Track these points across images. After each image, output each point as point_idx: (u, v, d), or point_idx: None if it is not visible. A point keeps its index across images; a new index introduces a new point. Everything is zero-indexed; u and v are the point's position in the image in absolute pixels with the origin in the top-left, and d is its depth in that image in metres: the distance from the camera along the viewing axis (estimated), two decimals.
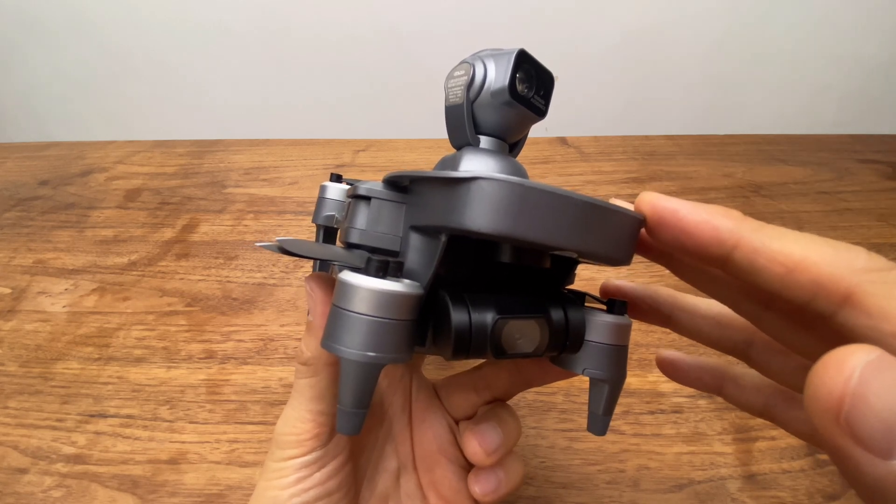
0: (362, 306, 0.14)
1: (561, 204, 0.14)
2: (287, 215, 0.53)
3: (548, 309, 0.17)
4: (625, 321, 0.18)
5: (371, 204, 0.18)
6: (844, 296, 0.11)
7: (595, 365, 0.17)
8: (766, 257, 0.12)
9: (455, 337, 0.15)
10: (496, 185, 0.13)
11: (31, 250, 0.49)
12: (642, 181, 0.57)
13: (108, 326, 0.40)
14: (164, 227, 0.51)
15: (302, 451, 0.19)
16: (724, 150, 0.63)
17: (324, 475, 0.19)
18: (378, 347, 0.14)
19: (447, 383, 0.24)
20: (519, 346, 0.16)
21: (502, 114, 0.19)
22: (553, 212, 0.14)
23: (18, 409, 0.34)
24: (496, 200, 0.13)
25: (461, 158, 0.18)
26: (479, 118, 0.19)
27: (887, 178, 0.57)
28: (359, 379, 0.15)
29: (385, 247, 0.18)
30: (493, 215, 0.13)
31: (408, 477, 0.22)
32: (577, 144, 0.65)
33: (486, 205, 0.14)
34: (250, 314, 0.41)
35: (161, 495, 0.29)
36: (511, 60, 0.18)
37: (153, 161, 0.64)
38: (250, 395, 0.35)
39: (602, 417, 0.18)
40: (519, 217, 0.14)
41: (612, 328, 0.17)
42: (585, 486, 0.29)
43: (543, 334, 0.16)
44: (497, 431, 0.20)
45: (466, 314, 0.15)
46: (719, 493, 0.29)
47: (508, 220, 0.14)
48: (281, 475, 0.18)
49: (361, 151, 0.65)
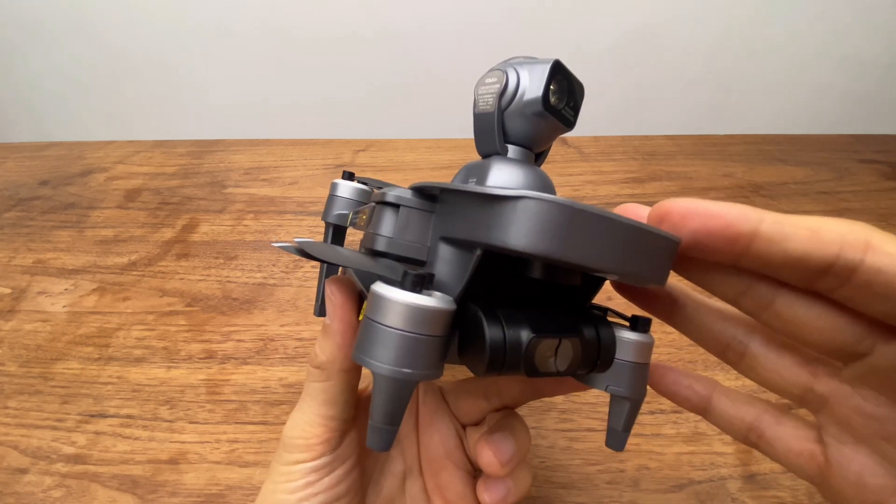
0: (398, 321, 0.14)
1: (608, 228, 0.14)
2: (287, 215, 0.53)
3: (581, 329, 0.16)
4: (648, 339, 0.18)
5: (399, 212, 0.17)
6: (865, 244, 0.13)
7: (618, 382, 0.17)
8: (791, 225, 0.14)
9: (490, 354, 0.15)
10: (545, 206, 0.13)
11: (31, 250, 0.49)
12: (642, 181, 0.57)
13: (108, 326, 0.40)
14: (164, 227, 0.51)
15: (311, 456, 0.19)
16: (724, 150, 0.63)
17: (332, 480, 0.19)
18: (412, 364, 0.14)
19: (456, 388, 0.24)
20: (551, 365, 0.16)
21: (533, 124, 0.19)
22: (600, 235, 0.14)
23: (18, 409, 0.34)
24: (543, 221, 0.13)
25: (490, 168, 0.18)
26: (508, 127, 0.19)
27: (887, 178, 0.57)
28: (392, 395, 0.14)
29: (412, 256, 0.17)
30: (538, 236, 0.13)
31: (413, 480, 0.22)
32: (577, 144, 0.65)
33: (533, 225, 0.13)
34: (250, 314, 0.41)
35: (161, 495, 0.29)
36: (546, 71, 0.18)
37: (153, 161, 0.64)
38: (250, 395, 0.35)
39: (622, 434, 0.18)
40: (566, 239, 0.13)
41: (636, 346, 0.17)
42: (585, 486, 0.29)
43: (576, 354, 0.16)
44: (511, 442, 0.20)
45: (501, 331, 0.15)
46: (719, 493, 0.29)
47: (555, 242, 0.13)
48: (289, 479, 0.18)
49: (361, 151, 0.65)
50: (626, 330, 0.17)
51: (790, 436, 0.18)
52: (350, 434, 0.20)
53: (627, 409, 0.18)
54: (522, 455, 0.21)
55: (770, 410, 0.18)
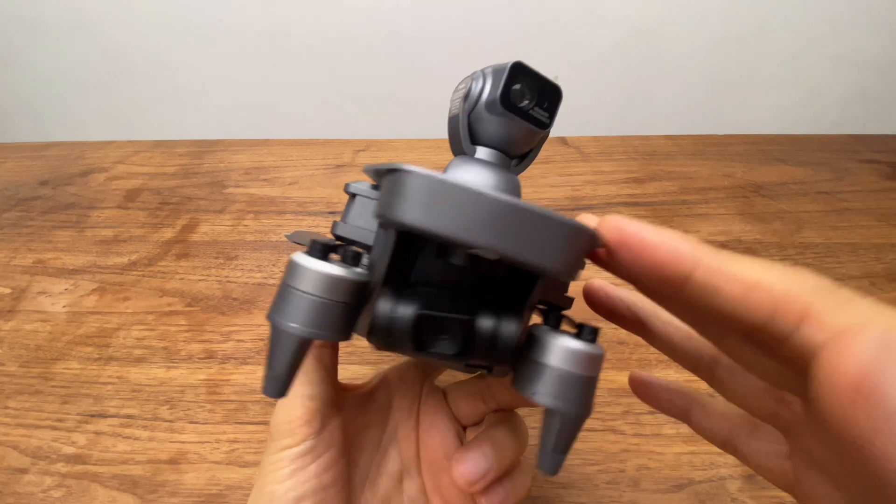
0: (301, 284, 0.15)
1: (474, 200, 0.14)
2: (287, 215, 0.53)
3: (477, 312, 0.16)
4: (591, 350, 0.16)
5: (355, 200, 0.20)
6: (802, 313, 0.11)
7: (549, 391, 0.16)
8: (724, 277, 0.13)
9: (374, 325, 0.16)
10: (410, 176, 0.14)
11: (31, 250, 0.49)
12: (642, 181, 0.57)
13: (108, 326, 0.40)
14: (164, 227, 0.51)
15: (295, 440, 0.19)
16: (724, 150, 0.63)
17: (318, 467, 0.19)
18: (311, 324, 0.15)
19: (455, 389, 0.24)
20: (440, 346, 0.16)
21: (497, 125, 0.19)
22: (466, 207, 0.14)
23: (18, 409, 0.34)
24: (411, 192, 0.14)
25: (448, 166, 0.19)
26: (477, 129, 0.19)
27: (887, 178, 0.57)
28: (289, 349, 0.16)
29: (360, 240, 0.19)
30: (408, 206, 0.14)
31: (411, 481, 0.22)
32: (577, 144, 0.65)
33: (403, 196, 0.14)
34: (250, 314, 0.41)
35: (161, 495, 0.29)
36: (505, 72, 0.18)
37: (153, 161, 0.64)
38: (250, 395, 0.35)
39: (553, 454, 0.16)
40: (431, 209, 0.14)
41: (573, 355, 0.16)
42: (585, 486, 0.29)
43: (467, 338, 0.16)
44: (484, 458, 0.20)
45: (390, 305, 0.16)
46: (719, 493, 0.29)
47: (421, 211, 0.14)
48: (277, 468, 0.19)
49: (361, 151, 0.65)
50: (569, 336, 0.16)
51: (762, 452, 0.18)
52: (334, 421, 0.20)
53: (558, 424, 0.16)
54: (503, 468, 0.20)
55: (743, 425, 0.18)
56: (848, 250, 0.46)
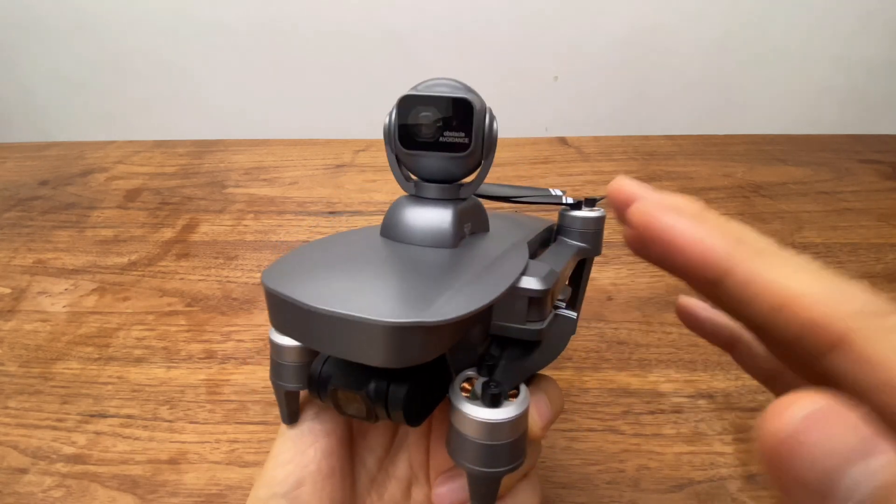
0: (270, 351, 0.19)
1: (293, 311, 0.14)
2: (287, 215, 0.53)
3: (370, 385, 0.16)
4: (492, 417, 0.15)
5: None
6: (836, 339, 0.10)
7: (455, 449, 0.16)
8: (758, 288, 0.11)
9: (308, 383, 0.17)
10: (266, 288, 0.15)
11: (31, 250, 0.49)
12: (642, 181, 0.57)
13: (108, 326, 0.40)
14: (164, 227, 0.51)
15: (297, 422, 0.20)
16: (724, 150, 0.63)
17: (318, 453, 0.19)
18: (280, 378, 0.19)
19: None
20: (352, 411, 0.17)
21: (417, 160, 0.19)
22: (294, 316, 0.15)
23: (18, 409, 0.34)
24: (267, 301, 0.16)
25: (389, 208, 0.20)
26: (406, 164, 0.19)
27: (887, 178, 0.57)
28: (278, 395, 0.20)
29: None
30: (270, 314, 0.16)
31: (420, 489, 0.22)
32: (577, 144, 0.65)
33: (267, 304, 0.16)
34: (250, 314, 0.41)
35: (161, 495, 0.29)
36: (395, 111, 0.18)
37: (153, 161, 0.64)
38: (250, 395, 0.35)
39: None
40: (276, 317, 0.15)
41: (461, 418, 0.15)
42: (585, 486, 0.29)
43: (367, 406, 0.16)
44: (462, 490, 0.19)
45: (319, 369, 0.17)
46: (719, 493, 0.29)
47: (273, 318, 0.16)
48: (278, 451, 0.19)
49: (361, 151, 0.65)
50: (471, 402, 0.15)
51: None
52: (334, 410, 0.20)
53: (470, 480, 0.16)
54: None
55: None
56: (848, 250, 0.46)
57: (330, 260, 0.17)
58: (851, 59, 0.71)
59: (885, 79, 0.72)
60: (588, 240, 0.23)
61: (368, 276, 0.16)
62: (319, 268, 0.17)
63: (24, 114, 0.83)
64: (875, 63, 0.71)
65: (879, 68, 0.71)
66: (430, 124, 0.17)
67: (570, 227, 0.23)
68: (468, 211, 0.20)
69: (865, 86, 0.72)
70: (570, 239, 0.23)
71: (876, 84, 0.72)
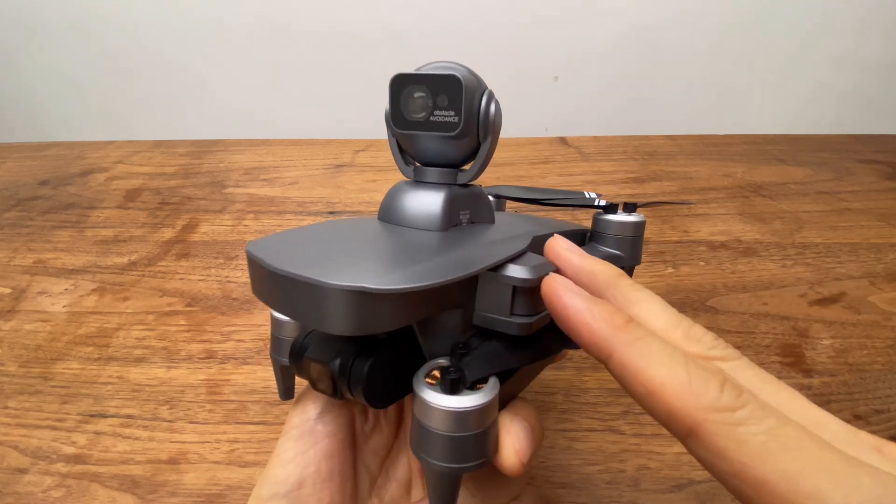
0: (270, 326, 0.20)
1: (261, 273, 0.15)
2: (287, 215, 0.53)
3: (336, 358, 0.16)
4: (456, 405, 0.14)
5: None
6: (689, 428, 0.12)
7: (418, 443, 0.15)
8: (631, 375, 0.13)
9: (289, 356, 0.18)
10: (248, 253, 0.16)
11: (31, 250, 0.49)
12: (642, 181, 0.57)
13: (108, 326, 0.40)
14: (164, 227, 0.51)
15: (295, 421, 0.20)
16: (724, 150, 0.63)
17: (318, 454, 0.19)
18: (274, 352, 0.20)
19: None
20: (321, 386, 0.17)
21: (413, 142, 0.19)
22: (262, 280, 0.15)
23: (18, 409, 0.34)
24: (249, 266, 0.16)
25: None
26: (405, 148, 0.19)
27: (887, 178, 0.57)
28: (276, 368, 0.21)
29: None
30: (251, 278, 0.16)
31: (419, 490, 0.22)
32: (577, 144, 0.65)
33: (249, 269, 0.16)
34: (250, 314, 0.41)
35: (161, 495, 0.29)
36: (389, 90, 0.18)
37: (153, 161, 0.64)
38: (250, 395, 0.35)
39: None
40: (254, 281, 0.16)
41: (422, 405, 0.14)
42: (585, 486, 0.29)
43: (331, 379, 0.16)
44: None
45: (300, 342, 0.17)
46: (719, 493, 0.29)
47: (252, 283, 0.16)
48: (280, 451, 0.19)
49: (361, 151, 0.65)
50: (428, 387, 0.15)
51: None
52: (334, 412, 0.20)
53: (428, 476, 0.15)
54: None
55: None
56: (848, 250, 0.46)
57: (317, 235, 0.17)
58: (851, 59, 0.71)
59: (885, 79, 0.72)
60: (624, 248, 0.21)
61: (343, 248, 0.16)
62: (303, 240, 0.17)
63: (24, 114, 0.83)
64: (875, 63, 0.71)
65: (879, 68, 0.71)
66: (427, 99, 0.17)
67: (604, 232, 0.22)
68: (465, 198, 0.19)
69: (865, 86, 0.72)
70: (602, 245, 0.22)
71: (876, 84, 0.72)
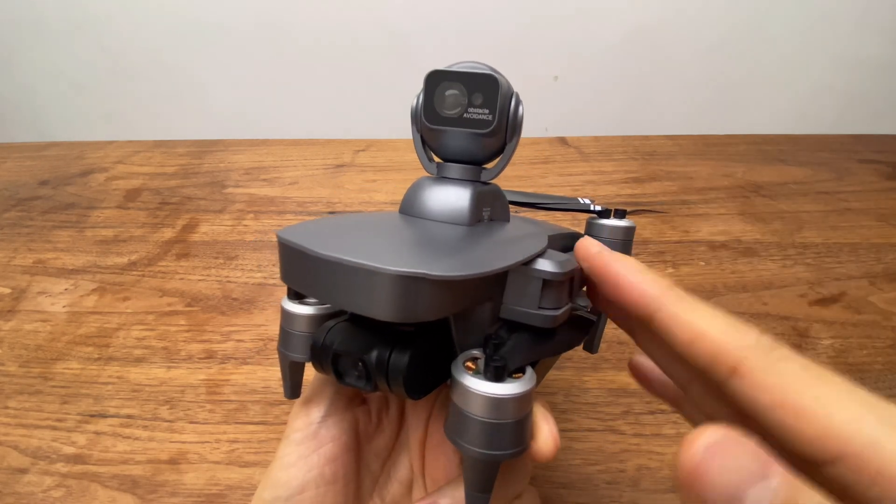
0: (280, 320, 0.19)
1: (301, 259, 0.15)
2: (287, 215, 0.53)
3: (373, 352, 0.16)
4: (500, 392, 0.14)
5: None
6: (733, 366, 0.13)
7: (452, 429, 0.15)
8: (677, 325, 0.14)
9: (310, 351, 0.17)
10: (279, 240, 0.16)
11: (31, 250, 0.49)
12: (642, 181, 0.57)
13: (108, 326, 0.40)
14: (164, 227, 0.51)
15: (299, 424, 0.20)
16: (724, 150, 0.63)
17: (321, 458, 0.19)
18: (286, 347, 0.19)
19: None
20: (352, 379, 0.17)
21: (441, 138, 0.19)
22: (301, 266, 0.15)
23: (18, 409, 0.34)
24: (280, 254, 0.16)
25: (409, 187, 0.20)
26: (431, 145, 0.20)
27: (887, 178, 0.57)
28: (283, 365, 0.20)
29: None
30: (281, 266, 0.16)
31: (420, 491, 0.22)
32: (577, 144, 0.65)
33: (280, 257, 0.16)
34: (250, 314, 0.41)
35: (161, 495, 0.29)
36: (423, 86, 0.18)
37: (153, 161, 0.64)
38: (250, 395, 0.35)
39: (473, 494, 0.15)
40: (287, 269, 0.16)
41: (467, 394, 0.14)
42: (585, 486, 0.29)
43: (368, 373, 0.16)
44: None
45: (323, 336, 0.17)
46: None
47: (283, 271, 0.16)
48: (283, 454, 0.19)
49: (361, 151, 0.65)
50: (477, 378, 0.15)
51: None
52: (338, 415, 0.20)
53: (468, 465, 0.15)
54: None
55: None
56: (848, 250, 0.46)
57: (345, 224, 0.18)
58: (851, 59, 0.71)
59: (885, 79, 0.72)
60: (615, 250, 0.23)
61: (380, 236, 0.17)
62: (333, 228, 0.17)
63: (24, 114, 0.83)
64: (875, 63, 0.71)
65: (879, 68, 0.71)
66: (461, 97, 0.18)
67: (597, 235, 0.23)
68: (488, 195, 0.20)
69: (865, 86, 0.72)
70: None
71: (876, 84, 0.72)
